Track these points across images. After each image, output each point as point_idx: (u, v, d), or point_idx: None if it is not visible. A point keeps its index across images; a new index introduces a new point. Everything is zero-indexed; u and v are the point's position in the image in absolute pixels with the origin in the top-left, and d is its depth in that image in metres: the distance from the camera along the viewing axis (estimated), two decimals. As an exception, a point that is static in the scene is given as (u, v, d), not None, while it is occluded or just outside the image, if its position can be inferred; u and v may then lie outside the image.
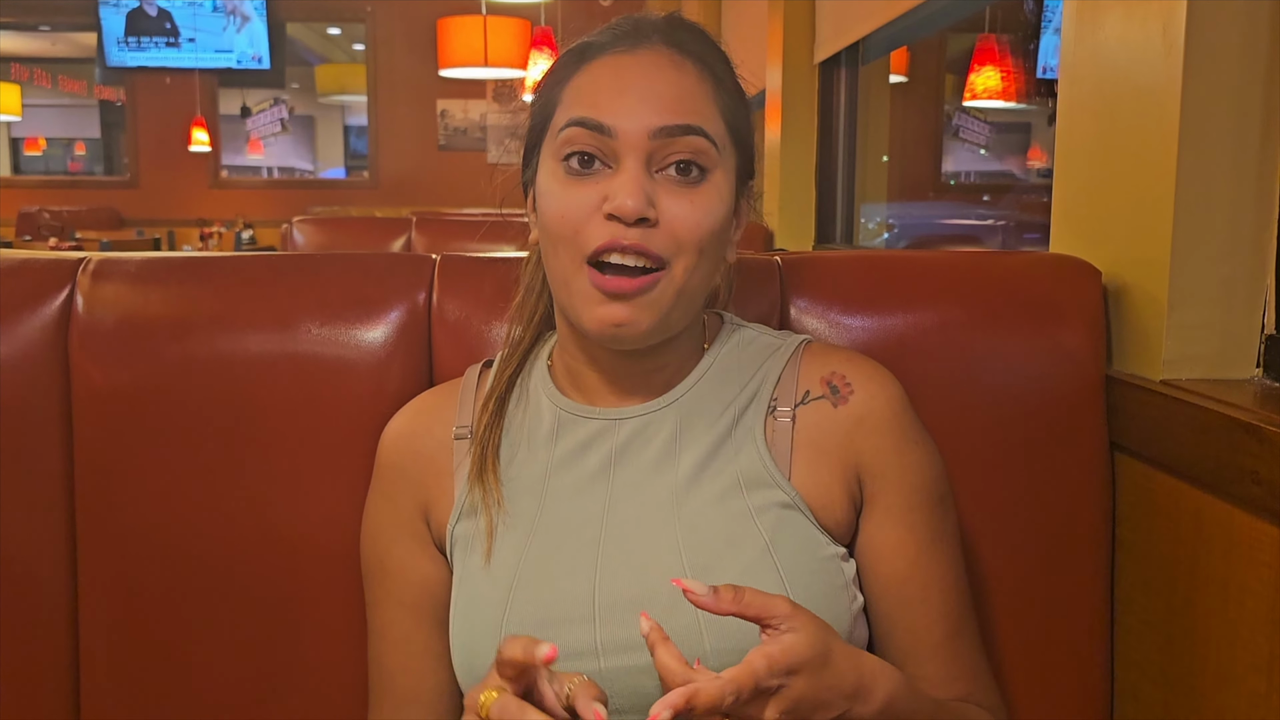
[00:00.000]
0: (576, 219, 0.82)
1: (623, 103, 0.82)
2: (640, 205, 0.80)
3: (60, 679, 1.06)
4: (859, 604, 0.87)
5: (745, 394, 0.91)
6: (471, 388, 0.97)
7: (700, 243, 0.83)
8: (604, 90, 0.83)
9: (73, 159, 12.49)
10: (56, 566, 1.06)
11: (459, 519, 0.91)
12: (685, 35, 0.87)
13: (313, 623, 1.06)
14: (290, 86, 10.34)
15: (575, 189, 0.83)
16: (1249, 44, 1.01)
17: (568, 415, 0.91)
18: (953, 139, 6.23)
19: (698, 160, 0.83)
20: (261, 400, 1.05)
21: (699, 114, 0.83)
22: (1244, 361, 1.05)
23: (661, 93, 0.83)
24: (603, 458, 0.89)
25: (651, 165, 0.82)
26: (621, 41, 0.86)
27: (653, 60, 0.84)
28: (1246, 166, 1.02)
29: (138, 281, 1.08)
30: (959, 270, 1.15)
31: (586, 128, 0.82)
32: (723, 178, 0.85)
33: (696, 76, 0.84)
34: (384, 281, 1.09)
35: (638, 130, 0.81)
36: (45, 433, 1.05)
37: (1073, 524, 1.08)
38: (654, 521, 0.85)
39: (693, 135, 0.82)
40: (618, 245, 0.80)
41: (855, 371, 0.91)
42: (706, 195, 0.83)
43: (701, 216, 0.82)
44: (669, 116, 0.82)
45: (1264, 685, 0.88)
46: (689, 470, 0.87)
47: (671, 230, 0.81)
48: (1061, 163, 1.25)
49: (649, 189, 0.81)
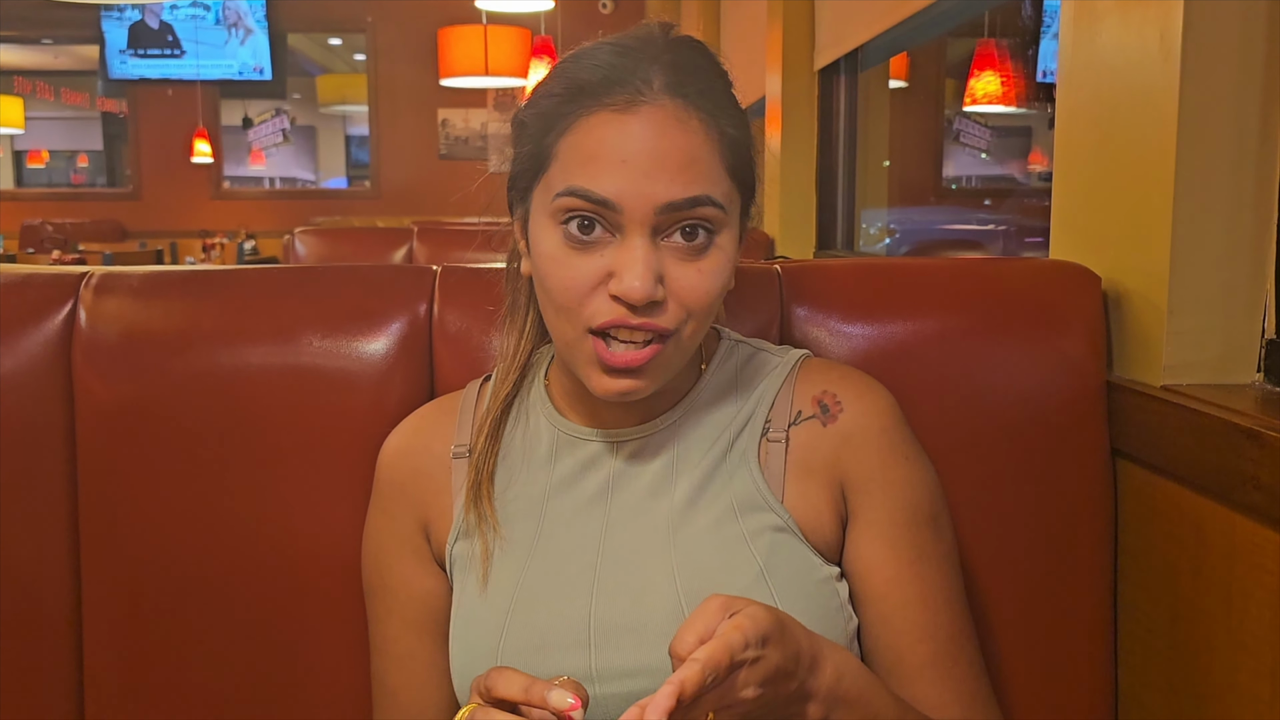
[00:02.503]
0: (580, 292, 0.78)
1: (625, 173, 0.76)
2: (649, 289, 0.76)
3: (65, 691, 1.06)
4: (854, 625, 0.86)
5: (741, 416, 0.90)
6: (471, 404, 0.96)
7: (709, 307, 0.81)
8: (604, 158, 0.77)
9: (75, 171, 12.51)
10: (60, 580, 1.06)
11: (457, 539, 0.91)
12: (687, 76, 0.80)
13: (314, 635, 1.06)
14: (292, 97, 10.35)
15: (578, 260, 0.79)
16: (1246, 49, 1.01)
17: (566, 436, 0.91)
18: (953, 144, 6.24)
19: (705, 225, 0.79)
20: (263, 413, 1.05)
21: (706, 180, 0.78)
22: (1244, 367, 1.05)
23: (667, 162, 0.77)
24: (600, 481, 0.89)
25: (657, 234, 0.78)
26: (617, 92, 0.78)
27: (655, 120, 0.77)
28: (1245, 171, 1.02)
29: (140, 296, 1.09)
30: (959, 277, 1.15)
31: (588, 200, 0.77)
32: (729, 235, 0.82)
33: (703, 135, 0.78)
34: (385, 293, 1.09)
35: (644, 206, 0.77)
36: (49, 447, 1.05)
37: (1074, 530, 1.08)
38: (650, 548, 0.85)
39: (702, 206, 0.78)
40: (625, 324, 0.78)
41: (847, 389, 0.89)
42: (714, 260, 0.80)
43: (710, 285, 0.80)
44: (676, 190, 0.77)
45: (1268, 691, 0.88)
46: (685, 496, 0.87)
47: (680, 300, 0.79)
48: (1060, 169, 1.25)
49: (656, 264, 0.78)
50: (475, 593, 0.88)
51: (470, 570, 0.89)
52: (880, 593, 0.86)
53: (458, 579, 0.90)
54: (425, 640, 0.92)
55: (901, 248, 4.17)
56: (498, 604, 0.86)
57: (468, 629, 0.87)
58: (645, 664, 0.80)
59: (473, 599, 0.88)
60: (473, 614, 0.87)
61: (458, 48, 5.34)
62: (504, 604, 0.85)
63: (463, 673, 0.87)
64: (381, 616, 0.95)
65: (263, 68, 8.99)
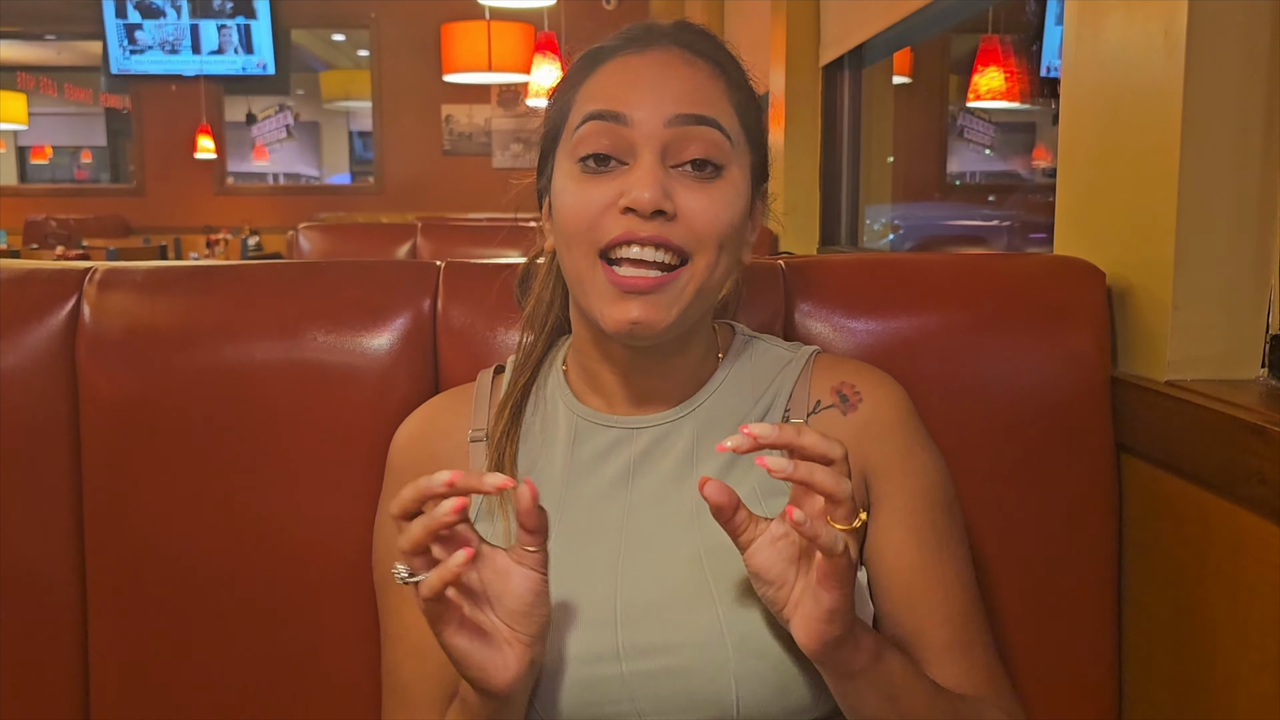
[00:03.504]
0: (592, 215, 0.82)
1: (637, 95, 0.83)
2: (657, 196, 0.80)
3: (70, 686, 1.07)
4: (870, 612, 0.88)
5: (760, 406, 0.91)
6: (485, 392, 0.97)
7: (720, 237, 0.83)
8: (618, 84, 0.84)
9: (79, 167, 12.53)
10: (65, 575, 1.06)
11: (476, 521, 0.91)
12: (695, 37, 0.88)
13: (320, 629, 1.06)
14: (295, 93, 10.35)
15: (592, 186, 0.83)
16: (1250, 44, 1.01)
17: (585, 422, 0.92)
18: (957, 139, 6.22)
19: (713, 157, 0.83)
20: (268, 408, 1.05)
21: (713, 106, 0.84)
22: (1249, 362, 1.05)
23: (676, 86, 0.83)
24: (621, 466, 0.89)
25: (667, 159, 0.82)
26: (632, 44, 0.87)
27: (665, 58, 0.85)
28: (1249, 166, 1.02)
29: (144, 291, 1.09)
30: (963, 273, 1.15)
31: (603, 119, 0.83)
32: (738, 174, 0.85)
33: (709, 73, 0.85)
34: (389, 289, 1.09)
35: (653, 119, 0.82)
36: (53, 442, 1.06)
37: (1079, 526, 1.08)
38: (674, 530, 0.86)
39: (707, 126, 0.82)
40: (635, 237, 0.81)
41: (864, 380, 0.92)
42: (723, 190, 0.83)
43: (720, 210, 0.83)
44: (684, 106, 0.82)
45: (1273, 685, 0.88)
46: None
47: (690, 224, 0.82)
48: (1064, 165, 1.25)
49: (665, 182, 0.81)
50: None
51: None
52: (905, 579, 0.87)
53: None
54: None
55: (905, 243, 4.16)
56: None
57: None
58: (671, 641, 0.81)
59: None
60: None
61: (461, 43, 5.34)
62: None
63: None
64: (396, 606, 0.94)
65: (266, 63, 8.99)
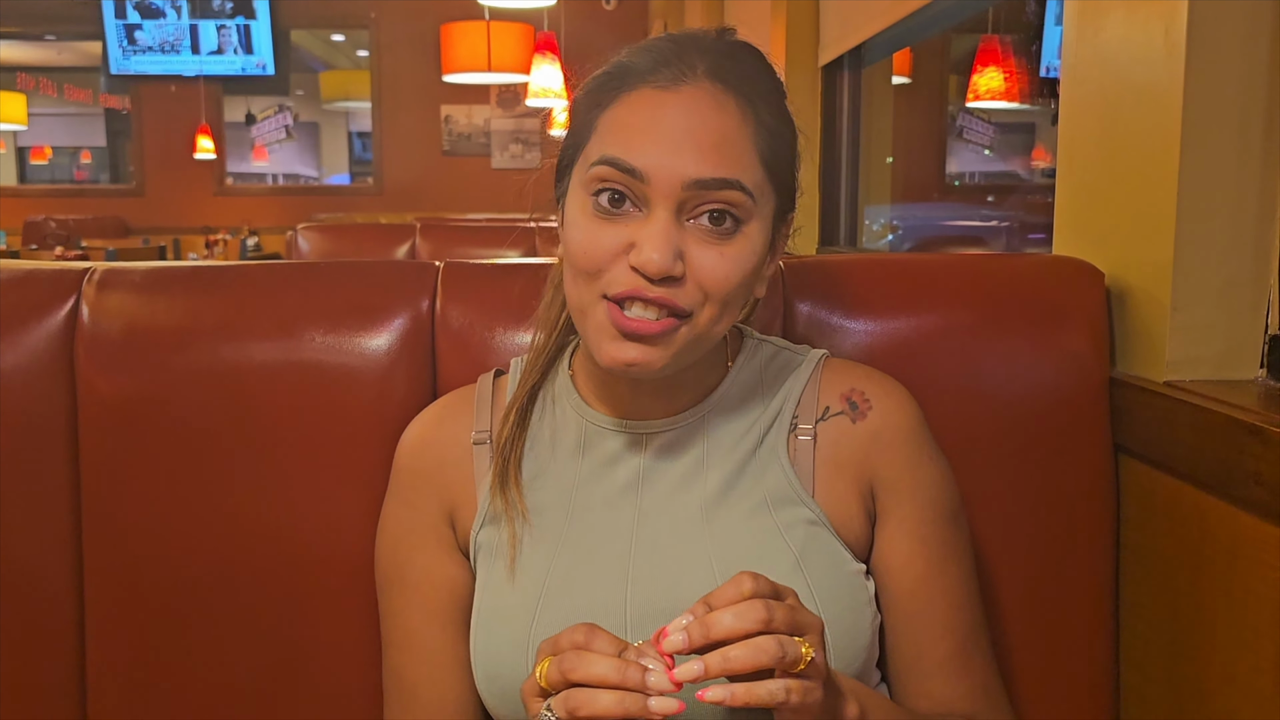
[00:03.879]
0: (601, 259, 0.79)
1: (657, 147, 0.78)
2: (667, 263, 0.77)
3: (67, 688, 1.06)
4: (878, 622, 0.87)
5: (769, 412, 0.91)
6: (487, 395, 0.96)
7: (727, 295, 0.80)
8: (639, 129, 0.79)
9: (78, 167, 12.52)
10: (63, 575, 1.06)
11: (483, 525, 0.91)
12: (731, 65, 0.82)
13: (318, 630, 1.06)
14: (295, 93, 10.35)
15: (602, 228, 0.80)
16: (1250, 44, 1.01)
17: (594, 428, 0.91)
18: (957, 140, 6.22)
19: (732, 211, 0.79)
20: (266, 409, 1.05)
21: (737, 164, 0.79)
22: (1248, 362, 1.05)
23: (699, 139, 0.78)
24: (631, 472, 0.89)
25: (683, 213, 0.79)
26: (663, 71, 0.80)
27: (693, 99, 0.79)
28: (1249, 167, 1.02)
29: (143, 291, 1.09)
30: (962, 273, 1.15)
31: (618, 169, 0.78)
32: (757, 227, 0.81)
33: (738, 119, 0.80)
34: (387, 289, 1.09)
35: (671, 180, 0.77)
36: (51, 442, 1.06)
37: (1077, 526, 1.08)
38: (685, 535, 0.85)
39: (728, 190, 0.78)
40: (641, 296, 0.78)
41: (874, 388, 0.91)
42: (738, 247, 0.80)
43: (731, 270, 0.79)
44: (705, 168, 0.78)
45: (1270, 686, 0.88)
46: (717, 487, 0.87)
47: (699, 282, 0.79)
48: (1064, 165, 1.25)
49: (678, 240, 0.78)
50: (503, 580, 0.87)
51: (497, 557, 0.89)
52: (910, 589, 0.87)
53: (482, 566, 0.90)
54: (448, 631, 0.91)
55: (904, 244, 4.16)
56: (528, 592, 0.85)
57: (494, 617, 0.87)
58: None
59: (500, 587, 0.87)
60: (500, 602, 0.87)
61: (460, 44, 5.34)
62: (535, 591, 0.85)
63: (487, 660, 0.86)
64: (399, 609, 0.94)
65: (266, 64, 8.99)
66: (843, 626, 0.82)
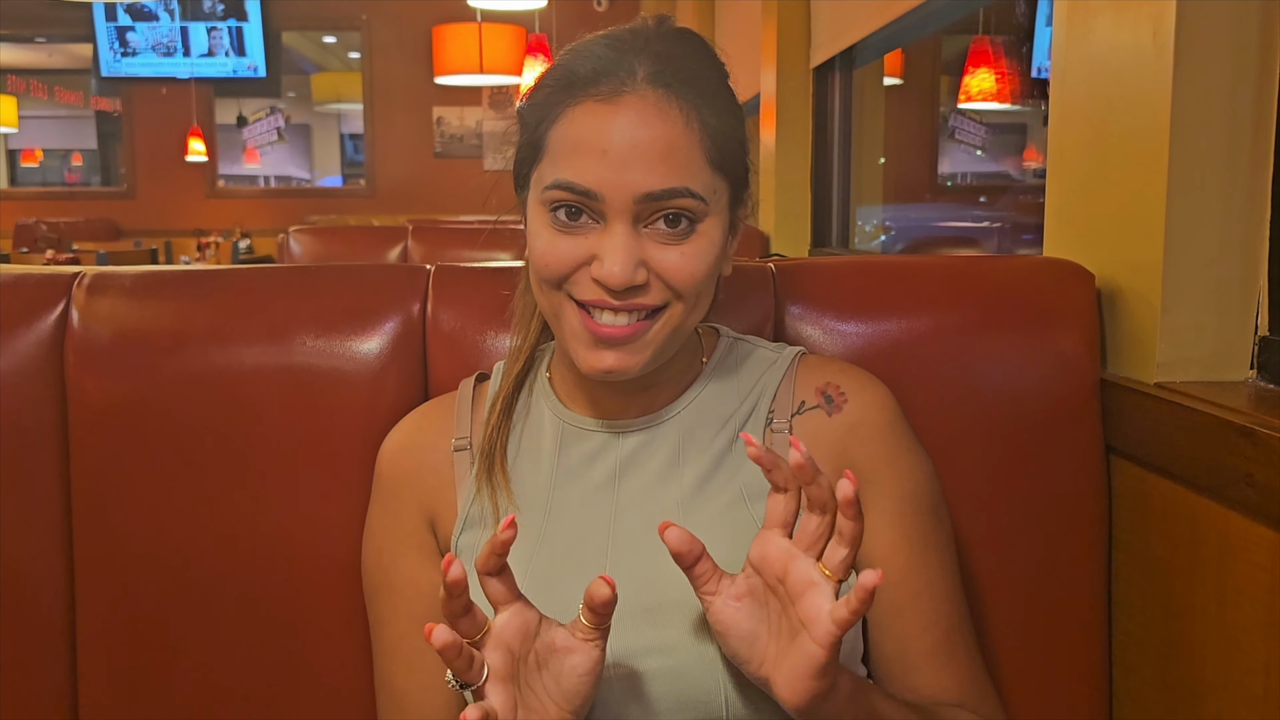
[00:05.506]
0: (563, 269, 0.82)
1: (606, 165, 0.79)
2: (628, 274, 0.79)
3: (58, 692, 1.06)
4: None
5: (744, 408, 0.91)
6: (468, 400, 0.97)
7: (697, 287, 0.83)
8: (586, 149, 0.80)
9: (69, 170, 12.50)
10: (54, 580, 1.06)
11: (463, 530, 0.91)
12: (670, 65, 0.82)
13: (309, 634, 1.06)
14: (286, 95, 10.34)
15: (563, 240, 0.82)
16: (1239, 46, 1.01)
17: (571, 428, 0.92)
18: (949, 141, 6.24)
19: (686, 214, 0.81)
20: (257, 413, 1.05)
21: (685, 171, 0.80)
22: (1238, 363, 1.05)
23: (646, 152, 0.79)
24: (607, 471, 0.89)
25: (639, 222, 0.81)
26: (604, 82, 0.81)
27: (636, 111, 0.80)
28: (1238, 168, 1.03)
29: (133, 296, 1.09)
30: (953, 275, 1.15)
31: (573, 192, 0.80)
32: (713, 221, 0.83)
33: (682, 126, 0.81)
34: (378, 293, 1.09)
35: (623, 196, 0.79)
36: (42, 447, 1.05)
37: (1069, 528, 1.08)
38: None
39: (680, 198, 0.80)
40: (608, 305, 0.81)
41: (850, 381, 0.92)
42: (698, 244, 0.82)
43: (695, 266, 0.82)
44: (654, 180, 0.79)
45: (1261, 688, 0.88)
46: (693, 482, 0.88)
47: (665, 282, 0.81)
48: (1054, 167, 1.25)
49: (637, 249, 0.80)
50: None
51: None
52: (892, 582, 0.87)
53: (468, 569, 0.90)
54: None
55: (897, 245, 4.17)
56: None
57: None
58: (661, 642, 0.81)
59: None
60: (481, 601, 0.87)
61: (452, 45, 5.34)
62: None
63: None
64: (387, 617, 0.94)
65: (257, 66, 8.97)
66: None
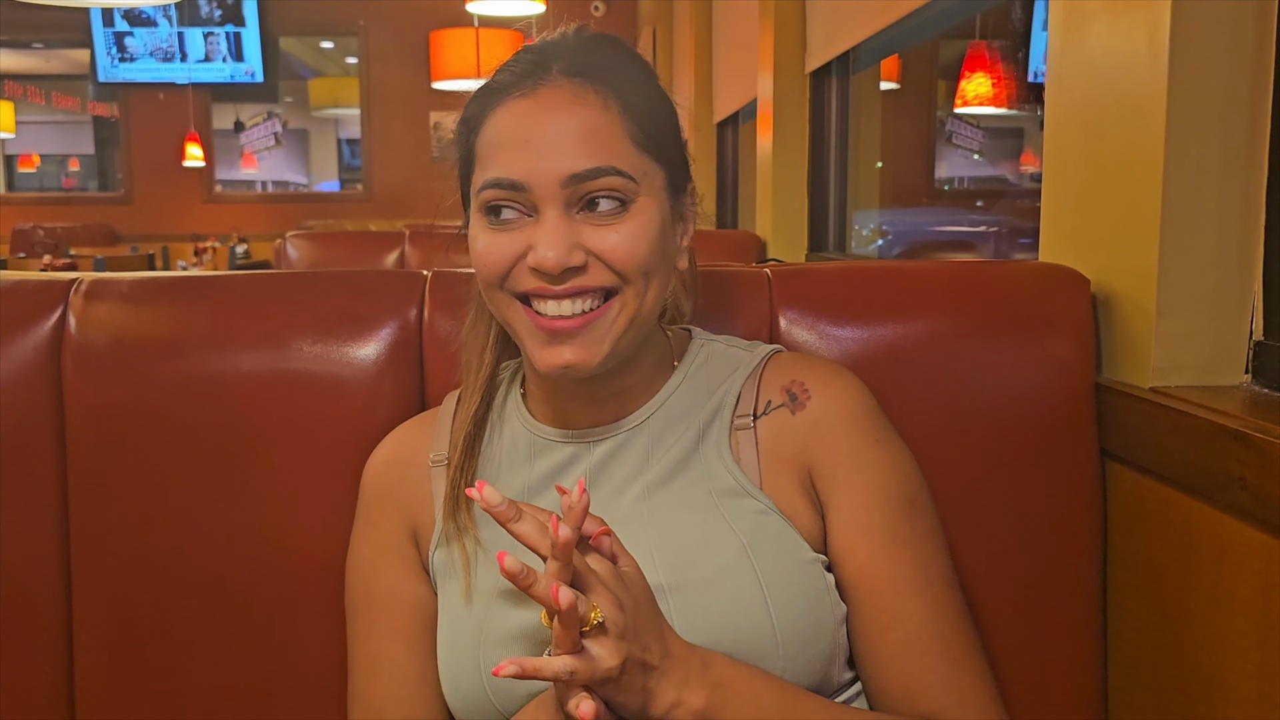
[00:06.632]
0: (503, 267, 0.83)
1: (529, 155, 0.81)
2: (561, 256, 0.80)
3: (55, 695, 1.06)
4: (841, 611, 0.86)
5: (709, 408, 0.91)
6: (449, 415, 0.97)
7: (642, 266, 0.83)
8: (509, 144, 0.83)
9: (67, 175, 12.48)
10: (51, 584, 1.06)
11: (437, 546, 0.92)
12: (587, 58, 0.85)
13: (304, 638, 1.06)
14: (284, 100, 10.34)
15: (499, 238, 0.83)
16: (1234, 51, 1.01)
17: (542, 440, 0.92)
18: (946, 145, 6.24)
19: (615, 194, 0.82)
20: (254, 418, 1.05)
21: (608, 150, 0.82)
22: (1233, 368, 1.05)
23: (565, 135, 0.81)
24: (577, 479, 0.89)
25: (571, 207, 0.82)
26: (522, 83, 0.84)
27: (553, 100, 0.83)
28: (1233, 173, 1.03)
29: (130, 301, 1.09)
30: (948, 280, 1.15)
31: (501, 188, 0.82)
32: (648, 201, 0.84)
33: (600, 107, 0.82)
34: (375, 298, 1.09)
35: (549, 182, 0.81)
36: (39, 453, 1.05)
37: (1064, 532, 1.08)
38: (628, 534, 0.84)
39: (605, 176, 0.81)
40: (549, 293, 0.82)
41: (815, 377, 0.91)
42: (632, 223, 0.82)
43: (633, 243, 0.82)
44: (578, 162, 0.81)
45: (1254, 691, 0.88)
46: (658, 479, 0.88)
47: (606, 262, 0.82)
48: (1050, 172, 1.26)
49: (571, 234, 0.81)
50: (458, 599, 0.88)
51: (452, 577, 0.90)
52: (854, 579, 0.86)
53: (441, 586, 0.91)
54: (415, 651, 0.91)
55: (894, 249, 4.18)
56: (479, 604, 0.86)
57: (452, 630, 0.88)
58: None
59: (456, 605, 0.88)
60: (456, 619, 0.88)
61: (449, 50, 5.35)
62: (485, 603, 0.86)
63: (450, 677, 0.87)
64: (367, 631, 0.94)
65: (254, 71, 8.97)
66: (793, 613, 0.82)
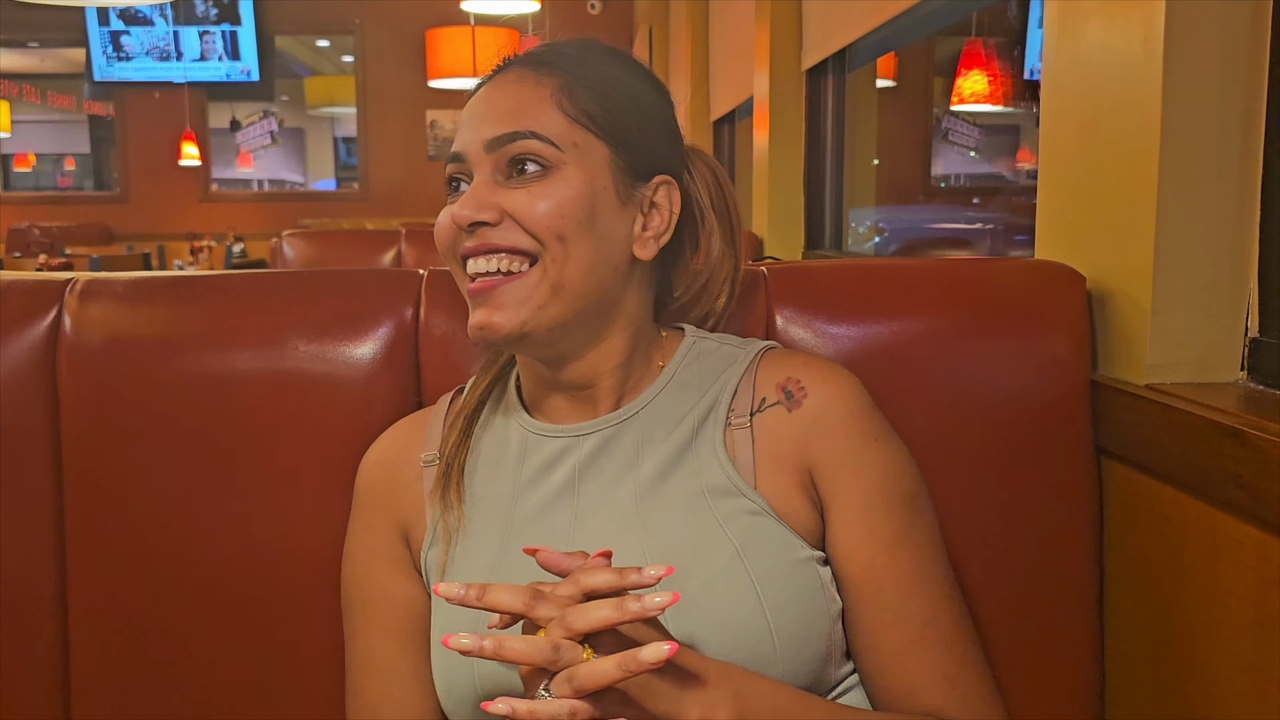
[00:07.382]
0: (447, 235, 0.88)
1: (467, 127, 0.88)
2: (472, 211, 0.84)
3: (50, 694, 1.06)
4: (836, 607, 0.86)
5: (703, 405, 0.90)
6: (441, 415, 0.98)
7: (555, 229, 0.84)
8: (461, 124, 0.90)
9: (62, 174, 12.46)
10: (46, 584, 1.06)
11: (430, 545, 0.92)
12: (548, 50, 0.91)
13: (301, 637, 1.06)
14: (280, 99, 10.33)
15: (447, 209, 0.88)
16: (1228, 48, 1.01)
17: (533, 436, 0.92)
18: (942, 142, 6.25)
19: (535, 158, 0.85)
20: (250, 418, 1.05)
21: (529, 117, 0.86)
22: (1228, 365, 1.06)
23: (495, 107, 0.87)
24: (566, 475, 0.89)
25: (499, 173, 0.86)
26: (490, 76, 0.92)
27: (500, 81, 0.90)
28: (1227, 170, 1.03)
29: (125, 301, 1.09)
30: (944, 278, 1.15)
31: (451, 161, 0.89)
32: (576, 172, 0.85)
33: (534, 83, 0.88)
34: (371, 298, 1.09)
35: (475, 148, 0.87)
36: (34, 452, 1.05)
37: (1060, 529, 1.08)
38: (619, 530, 0.85)
39: (521, 139, 0.85)
40: (465, 250, 0.86)
41: (810, 374, 0.90)
42: (550, 187, 0.84)
43: (547, 206, 0.84)
44: (499, 127, 0.86)
45: (1249, 686, 0.88)
46: (650, 478, 0.87)
47: (518, 221, 0.84)
48: (1045, 170, 1.26)
49: (490, 194, 0.85)
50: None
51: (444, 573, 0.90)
52: (857, 578, 0.85)
53: (433, 584, 0.91)
54: (407, 650, 0.92)
55: (890, 246, 4.18)
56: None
57: (444, 629, 0.87)
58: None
59: (448, 605, 0.87)
60: (448, 616, 0.87)
61: (446, 49, 5.35)
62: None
63: (443, 675, 0.87)
64: (360, 630, 0.94)
65: (250, 69, 8.96)
66: (791, 613, 0.82)
